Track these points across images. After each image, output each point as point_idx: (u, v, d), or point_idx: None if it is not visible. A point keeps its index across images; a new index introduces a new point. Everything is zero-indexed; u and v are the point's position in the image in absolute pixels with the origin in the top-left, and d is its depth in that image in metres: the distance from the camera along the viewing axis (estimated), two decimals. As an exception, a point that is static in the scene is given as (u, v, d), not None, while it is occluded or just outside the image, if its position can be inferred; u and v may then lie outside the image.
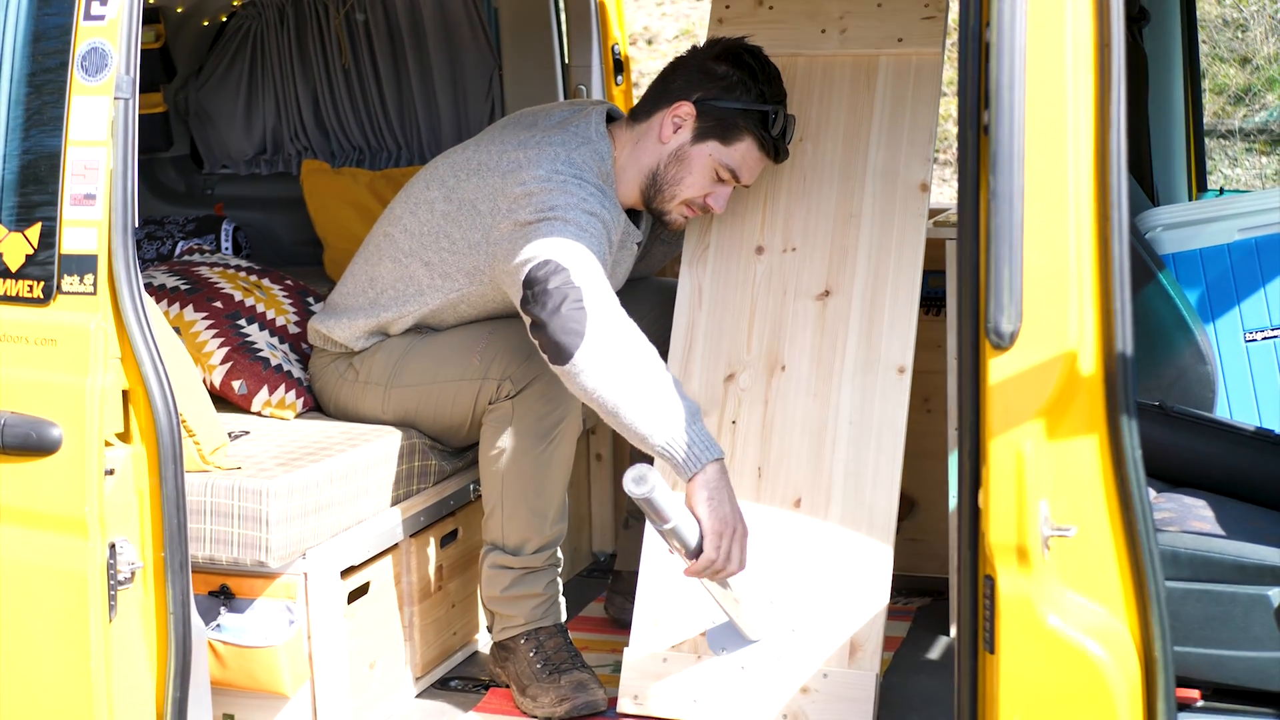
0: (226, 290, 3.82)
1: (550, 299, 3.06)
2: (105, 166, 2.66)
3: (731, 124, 3.36)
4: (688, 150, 3.39)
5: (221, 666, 3.17)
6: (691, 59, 3.46)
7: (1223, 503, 2.88)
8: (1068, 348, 2.25)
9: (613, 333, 3.05)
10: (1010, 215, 2.24)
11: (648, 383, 3.03)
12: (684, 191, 3.41)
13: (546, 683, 3.36)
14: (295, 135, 5.35)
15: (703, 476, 3.03)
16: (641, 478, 2.81)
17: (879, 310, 3.39)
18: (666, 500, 2.88)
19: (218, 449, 3.20)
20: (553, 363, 3.07)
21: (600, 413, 3.07)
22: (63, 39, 2.70)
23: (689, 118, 3.38)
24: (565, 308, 3.04)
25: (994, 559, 2.29)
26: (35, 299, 2.70)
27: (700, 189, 3.41)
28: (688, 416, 3.04)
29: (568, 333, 3.03)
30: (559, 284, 3.07)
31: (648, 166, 3.42)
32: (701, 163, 3.39)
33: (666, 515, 2.90)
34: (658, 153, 3.41)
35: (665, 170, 3.41)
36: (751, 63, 3.40)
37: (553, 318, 3.04)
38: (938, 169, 8.61)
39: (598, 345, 3.03)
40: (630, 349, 3.05)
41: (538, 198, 3.24)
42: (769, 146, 3.39)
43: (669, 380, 3.06)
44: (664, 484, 2.84)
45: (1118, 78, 2.23)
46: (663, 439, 3.02)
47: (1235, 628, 2.49)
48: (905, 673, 3.58)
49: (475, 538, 3.69)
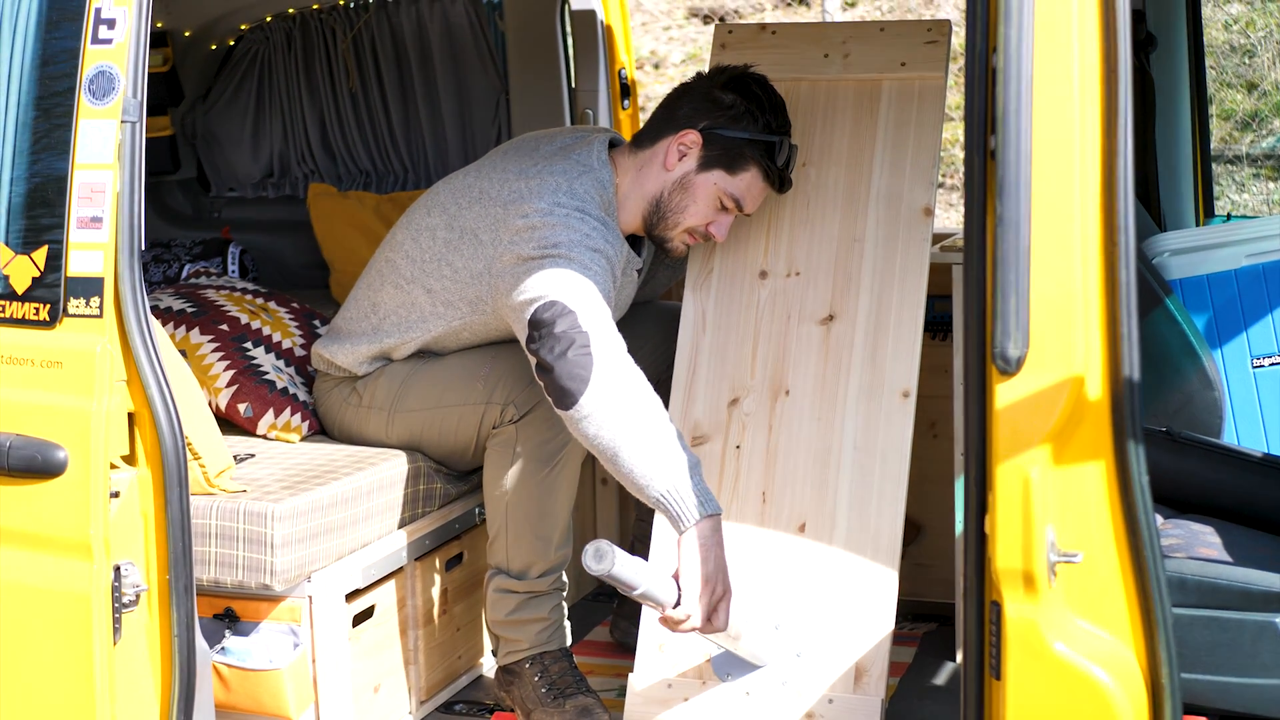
0: (233, 313, 3.83)
1: (557, 344, 3.05)
2: (112, 189, 2.66)
3: (738, 154, 3.36)
4: (693, 179, 3.39)
5: (226, 690, 3.16)
6: (697, 86, 3.45)
7: (1230, 529, 2.87)
8: (1074, 373, 2.24)
9: (618, 381, 3.04)
10: (1017, 241, 2.24)
11: (650, 432, 3.02)
12: (687, 220, 3.41)
13: (551, 707, 3.35)
14: (302, 158, 5.35)
15: (697, 530, 3.00)
16: (600, 553, 2.77)
17: (883, 335, 3.39)
18: (630, 568, 2.84)
19: (223, 472, 3.19)
20: (557, 406, 3.07)
21: (600, 459, 3.06)
22: (70, 62, 2.71)
23: (695, 146, 3.38)
24: (572, 353, 3.03)
25: (1000, 585, 2.28)
26: (41, 321, 2.70)
27: (703, 217, 3.40)
28: (688, 469, 3.02)
29: (573, 379, 3.03)
30: (565, 328, 3.07)
31: (651, 193, 3.42)
32: (706, 191, 3.38)
33: (634, 583, 2.86)
34: (662, 180, 3.41)
35: (669, 198, 3.40)
36: (759, 92, 3.40)
37: (559, 362, 3.04)
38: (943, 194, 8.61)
39: (602, 392, 3.02)
40: (635, 398, 3.04)
41: (540, 232, 3.24)
42: (774, 177, 3.39)
43: (671, 431, 3.05)
44: (622, 553, 2.81)
45: (1125, 104, 2.23)
46: (660, 489, 3.00)
47: (1242, 654, 2.48)
48: (911, 698, 3.57)
49: (480, 561, 3.68)
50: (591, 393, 3.01)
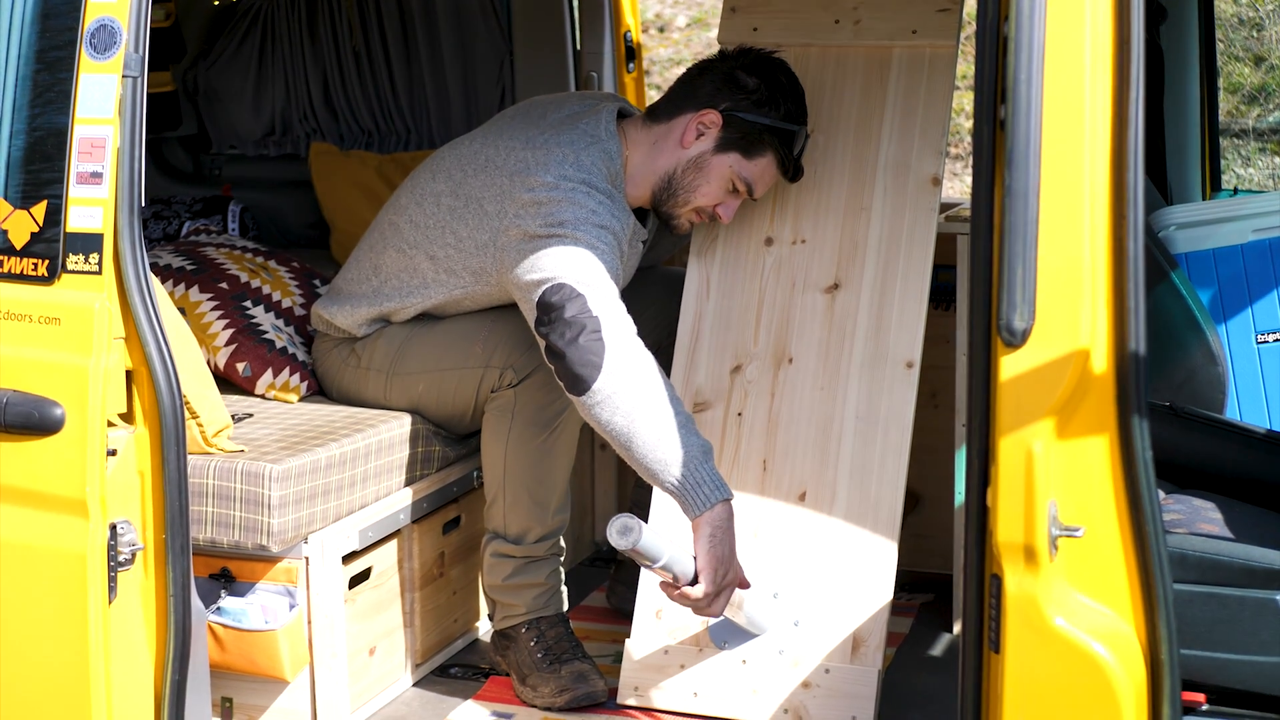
0: (233, 271, 3.81)
1: (569, 328, 3.04)
2: (112, 145, 2.64)
3: (756, 139, 3.33)
4: (708, 159, 3.36)
5: (221, 650, 3.16)
6: (720, 65, 3.42)
7: (1232, 505, 2.86)
8: (1080, 347, 2.23)
9: (630, 366, 3.03)
10: (1025, 212, 2.22)
11: (662, 418, 3.01)
12: (697, 199, 3.38)
13: (547, 673, 3.35)
14: (304, 117, 5.32)
15: (709, 515, 3.00)
16: (625, 529, 2.78)
17: (888, 304, 3.37)
18: (653, 541, 2.85)
19: (221, 431, 3.18)
20: (569, 392, 3.06)
21: (613, 444, 3.06)
22: (72, 15, 2.68)
23: (714, 126, 3.35)
24: (584, 338, 3.03)
25: (1001, 558, 2.27)
26: (40, 277, 2.69)
27: (714, 198, 3.38)
28: (700, 454, 3.02)
29: (585, 364, 3.02)
30: (576, 312, 3.05)
31: (664, 169, 3.39)
32: (720, 173, 3.36)
33: (656, 556, 2.87)
34: (676, 156, 3.38)
35: (682, 176, 3.38)
36: (783, 79, 3.38)
37: (571, 348, 3.03)
38: (949, 163, 8.59)
39: (615, 378, 3.01)
40: (647, 383, 3.03)
41: (546, 208, 3.21)
42: (788, 165, 3.38)
43: (683, 416, 3.05)
44: (647, 528, 2.81)
45: (1136, 75, 2.21)
46: (674, 476, 3.01)
47: (1242, 631, 2.48)
48: (908, 669, 3.57)
49: (478, 525, 3.67)
50: (605, 378, 3.01)
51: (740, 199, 3.40)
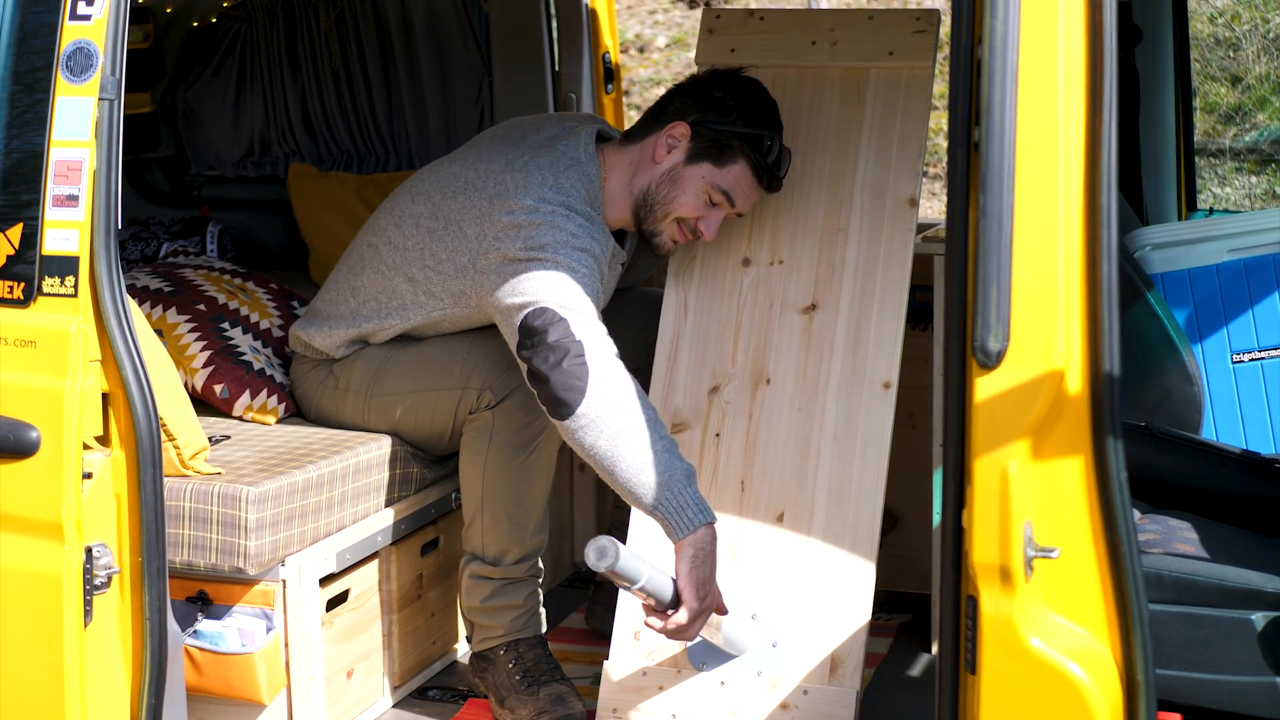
0: (210, 293, 3.80)
1: (552, 353, 3.04)
2: (89, 168, 2.64)
3: (725, 145, 3.33)
4: (681, 170, 3.36)
5: (198, 673, 3.14)
6: (689, 85, 3.44)
7: (1207, 525, 2.87)
8: (1054, 367, 2.24)
9: (613, 390, 3.03)
10: (1000, 233, 2.23)
11: (645, 442, 3.01)
12: (676, 211, 3.37)
13: (525, 695, 3.34)
14: (283, 138, 5.33)
15: (692, 538, 3.01)
16: (602, 550, 2.77)
17: (865, 325, 3.38)
18: (632, 565, 2.85)
19: (198, 454, 3.17)
20: (552, 416, 3.06)
21: (596, 468, 3.06)
22: (48, 38, 2.68)
23: (684, 138, 3.35)
24: (567, 363, 3.03)
25: (977, 579, 2.27)
26: (15, 300, 2.68)
27: (692, 210, 3.37)
28: (683, 478, 3.02)
29: (569, 389, 3.02)
30: (559, 337, 3.05)
31: (640, 187, 3.39)
32: (694, 184, 3.36)
33: (635, 577, 2.87)
34: (651, 173, 3.38)
35: (657, 190, 3.38)
36: (749, 89, 3.39)
37: (554, 372, 3.03)
38: (926, 182, 8.61)
39: (599, 402, 3.01)
40: (630, 407, 3.03)
41: (526, 231, 3.21)
42: (763, 172, 3.36)
43: (666, 440, 3.05)
44: (624, 549, 2.81)
45: (1110, 97, 2.22)
46: (657, 499, 3.01)
47: (1218, 651, 2.48)
48: (886, 690, 3.57)
49: (456, 546, 3.67)
50: (588, 403, 3.01)
51: (722, 213, 3.39)
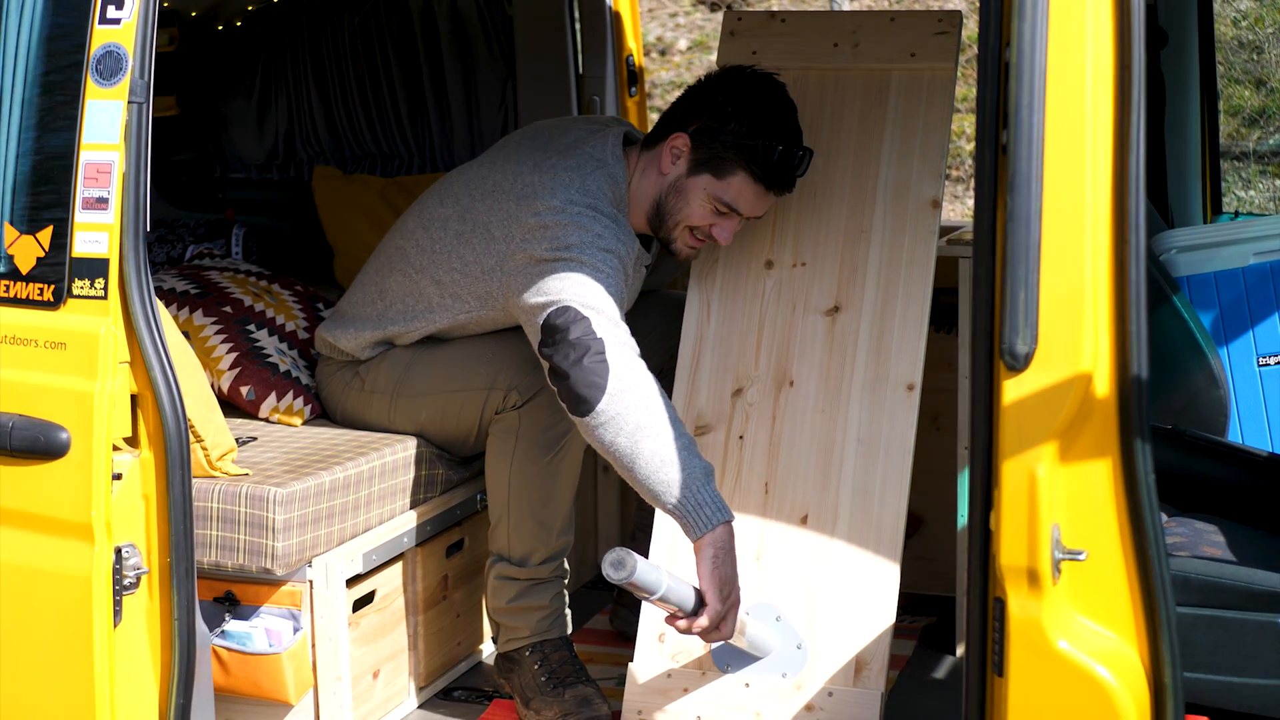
0: (236, 295, 3.82)
1: (573, 350, 3.05)
2: (118, 171, 2.65)
3: (723, 157, 3.31)
4: (684, 182, 3.35)
5: (225, 673, 3.16)
6: (700, 87, 3.42)
7: (1234, 528, 2.87)
8: (1082, 370, 2.24)
9: (633, 388, 3.04)
10: (1028, 236, 2.23)
11: (664, 440, 3.02)
12: (685, 220, 3.37)
13: (551, 696, 3.35)
14: (307, 141, 5.34)
15: (711, 536, 3.01)
16: (619, 562, 2.77)
17: (889, 327, 3.38)
18: (649, 574, 2.85)
19: (225, 455, 3.19)
20: (572, 413, 3.06)
21: (615, 466, 3.06)
22: (77, 42, 2.69)
23: (685, 149, 3.35)
24: (588, 360, 3.03)
25: (1005, 582, 2.27)
26: (45, 302, 2.70)
27: (701, 219, 3.36)
28: (702, 476, 3.03)
29: (589, 386, 3.02)
30: (580, 334, 3.06)
31: (650, 196, 3.39)
32: (698, 195, 3.34)
33: (654, 587, 2.87)
34: (659, 184, 3.38)
35: (665, 200, 3.38)
36: (754, 93, 3.34)
37: (575, 369, 3.03)
38: (950, 185, 8.60)
39: (618, 400, 3.02)
40: (650, 405, 3.03)
41: (552, 232, 3.22)
42: (766, 181, 3.32)
43: (685, 438, 3.05)
44: (641, 560, 2.81)
45: (1138, 100, 2.22)
46: (676, 497, 3.01)
47: (1245, 654, 2.48)
48: (911, 692, 3.57)
49: (481, 548, 3.68)
50: (608, 400, 3.01)
51: (734, 220, 3.38)
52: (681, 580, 2.98)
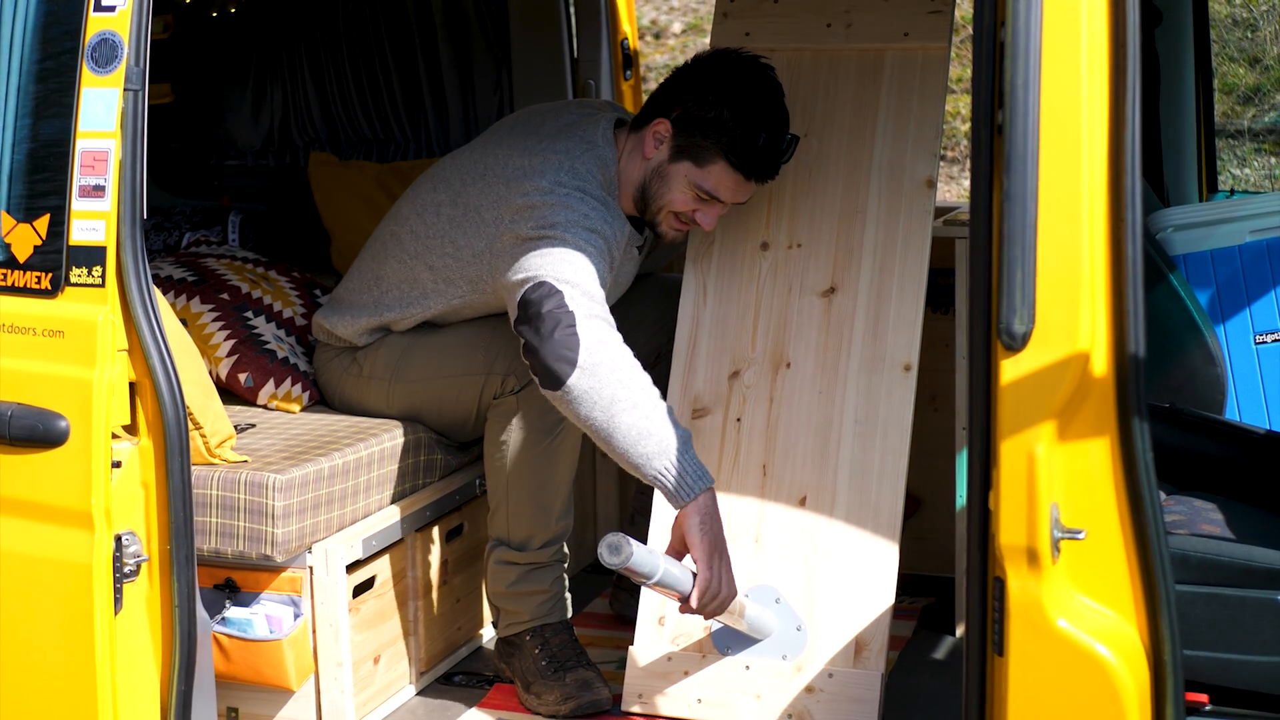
0: (234, 282, 3.82)
1: (544, 323, 3.04)
2: (114, 158, 2.65)
3: (703, 146, 3.30)
4: (666, 168, 3.35)
5: (226, 660, 3.16)
6: (685, 70, 3.40)
7: (1232, 506, 2.87)
8: (1080, 349, 2.24)
9: (606, 360, 3.03)
10: (1024, 216, 2.23)
11: (640, 411, 3.02)
12: (668, 205, 3.36)
13: (551, 680, 3.35)
14: (303, 127, 5.33)
15: (695, 504, 3.03)
16: (615, 546, 2.79)
17: (885, 307, 3.38)
18: (645, 558, 2.86)
19: (224, 442, 3.19)
20: (544, 387, 3.06)
21: (593, 438, 3.07)
22: (72, 29, 2.69)
23: (668, 135, 3.34)
24: (558, 333, 3.03)
25: (1004, 561, 2.28)
26: (43, 290, 2.70)
27: (684, 205, 3.35)
28: (679, 445, 3.03)
29: (559, 359, 3.02)
30: (552, 307, 3.05)
31: (636, 179, 3.39)
32: (679, 182, 3.34)
33: (650, 572, 2.89)
34: (644, 168, 3.38)
35: (649, 185, 3.37)
36: (740, 79, 3.32)
37: (545, 343, 3.03)
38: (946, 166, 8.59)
39: (590, 373, 3.02)
40: (623, 376, 3.03)
41: (539, 211, 3.22)
42: (746, 170, 3.30)
43: (662, 408, 3.05)
44: (637, 544, 2.82)
45: (1133, 78, 2.22)
46: (655, 468, 3.03)
47: (1244, 631, 2.48)
48: (911, 672, 3.57)
49: (481, 532, 3.68)
50: (579, 374, 3.01)
51: (717, 206, 3.36)
52: (678, 564, 2.99)
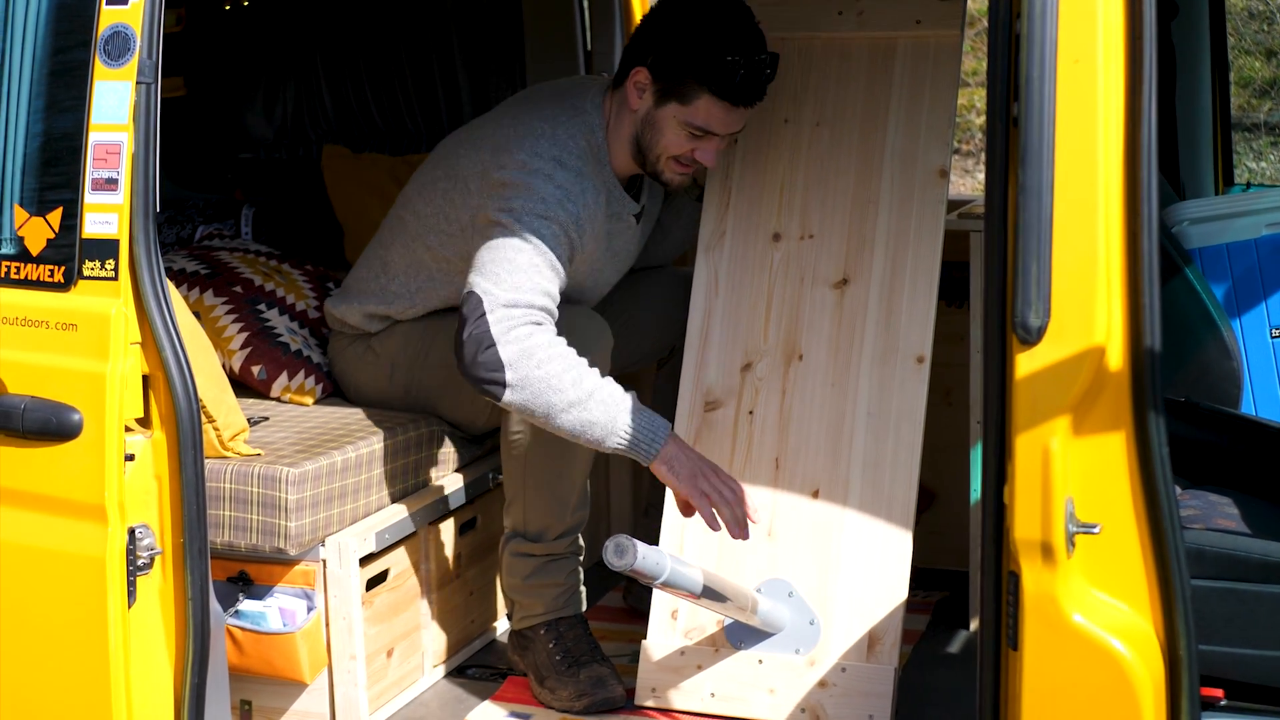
0: (247, 275, 3.81)
1: (465, 348, 3.12)
2: (127, 151, 2.65)
3: (683, 82, 3.28)
4: (654, 114, 3.34)
5: (240, 653, 3.16)
6: (650, 15, 3.41)
7: (1248, 500, 2.86)
8: (1095, 343, 2.23)
9: (530, 373, 3.08)
10: (1039, 209, 2.22)
11: (577, 409, 3.08)
12: (665, 151, 3.36)
13: (565, 676, 3.35)
14: (316, 120, 5.33)
15: (661, 456, 3.13)
16: (620, 548, 2.84)
17: (897, 299, 3.36)
18: (651, 558, 2.88)
19: (237, 435, 3.19)
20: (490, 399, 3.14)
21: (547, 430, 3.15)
22: (85, 22, 2.69)
23: (647, 82, 3.33)
24: (480, 357, 3.10)
25: (1019, 555, 2.27)
26: (56, 283, 2.70)
27: (680, 147, 3.35)
28: (627, 411, 3.10)
29: (489, 382, 3.10)
30: (472, 331, 3.11)
31: (628, 135, 3.39)
32: (669, 124, 3.33)
33: (657, 572, 2.91)
34: (633, 121, 3.38)
35: (642, 136, 3.37)
36: (704, 10, 3.30)
37: (471, 369, 3.12)
38: (959, 159, 8.58)
39: (519, 389, 3.09)
40: (553, 383, 3.08)
41: (506, 191, 3.25)
42: (732, 98, 3.28)
43: (599, 391, 3.10)
44: (643, 546, 2.85)
45: (1149, 71, 2.21)
46: (609, 447, 3.12)
47: (1260, 626, 2.48)
48: (925, 667, 3.57)
49: (494, 526, 3.68)
50: (510, 391, 3.10)
51: (714, 140, 3.34)
52: (685, 562, 2.99)
